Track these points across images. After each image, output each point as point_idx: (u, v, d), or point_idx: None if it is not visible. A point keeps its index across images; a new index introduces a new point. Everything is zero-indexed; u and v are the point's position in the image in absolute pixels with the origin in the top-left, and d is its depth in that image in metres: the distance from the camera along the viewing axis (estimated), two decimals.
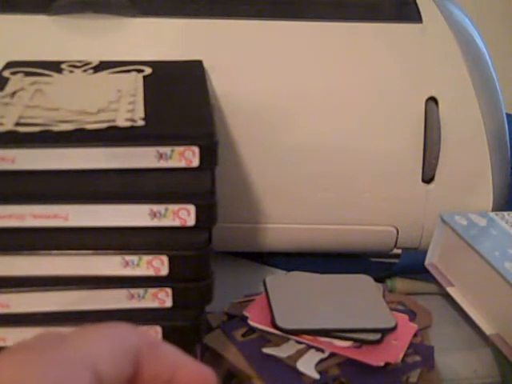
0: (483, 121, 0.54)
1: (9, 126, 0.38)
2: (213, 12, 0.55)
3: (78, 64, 0.51)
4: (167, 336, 0.39)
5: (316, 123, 0.53)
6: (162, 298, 0.39)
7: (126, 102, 0.43)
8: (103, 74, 0.49)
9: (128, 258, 0.38)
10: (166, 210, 0.38)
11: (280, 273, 0.57)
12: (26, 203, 0.37)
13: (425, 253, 0.53)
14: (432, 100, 0.54)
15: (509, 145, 0.57)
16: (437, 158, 0.54)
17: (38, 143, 0.37)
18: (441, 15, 0.56)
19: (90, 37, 0.54)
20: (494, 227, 0.51)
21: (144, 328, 0.39)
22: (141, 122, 0.39)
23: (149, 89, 0.46)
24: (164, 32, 0.54)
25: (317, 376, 0.42)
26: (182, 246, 0.38)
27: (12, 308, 0.38)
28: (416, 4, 0.56)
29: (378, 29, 0.55)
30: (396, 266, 0.55)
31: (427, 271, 0.53)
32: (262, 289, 0.51)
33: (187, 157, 0.37)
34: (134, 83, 0.47)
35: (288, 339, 0.45)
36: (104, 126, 0.38)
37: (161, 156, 0.37)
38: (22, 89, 0.45)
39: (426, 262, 0.53)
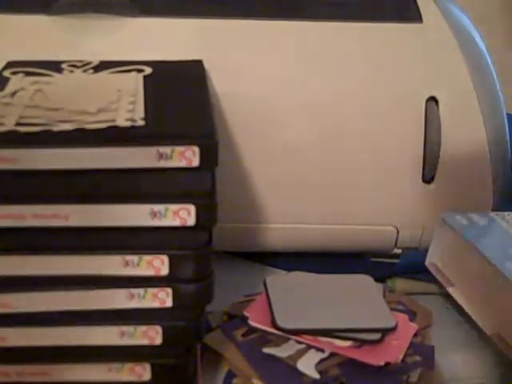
0: (483, 121, 0.54)
1: (9, 125, 0.38)
2: (213, 12, 0.55)
3: (79, 64, 0.51)
4: (167, 336, 0.39)
5: (316, 123, 0.53)
6: (162, 298, 0.39)
7: (126, 101, 0.43)
8: (103, 74, 0.49)
9: (128, 257, 0.38)
10: (166, 209, 0.38)
11: (280, 273, 0.57)
12: (26, 203, 0.37)
13: (425, 252, 0.53)
14: (432, 100, 0.54)
15: (509, 145, 0.57)
16: (437, 158, 0.54)
17: (38, 143, 0.36)
18: (441, 15, 0.56)
19: (90, 37, 0.54)
20: (494, 227, 0.51)
21: (144, 328, 0.39)
22: (141, 122, 0.39)
23: (149, 89, 0.46)
24: (164, 32, 0.54)
25: (317, 376, 0.42)
26: (182, 246, 0.38)
27: (12, 308, 0.38)
28: (416, 4, 0.56)
29: (378, 29, 0.55)
30: (397, 265, 0.55)
31: (428, 271, 0.53)
32: (262, 289, 0.51)
33: (187, 157, 0.37)
34: (134, 83, 0.47)
35: (288, 339, 0.45)
36: (104, 125, 0.38)
37: (161, 156, 0.37)
38: (22, 89, 0.45)
39: (427, 262, 0.53)
